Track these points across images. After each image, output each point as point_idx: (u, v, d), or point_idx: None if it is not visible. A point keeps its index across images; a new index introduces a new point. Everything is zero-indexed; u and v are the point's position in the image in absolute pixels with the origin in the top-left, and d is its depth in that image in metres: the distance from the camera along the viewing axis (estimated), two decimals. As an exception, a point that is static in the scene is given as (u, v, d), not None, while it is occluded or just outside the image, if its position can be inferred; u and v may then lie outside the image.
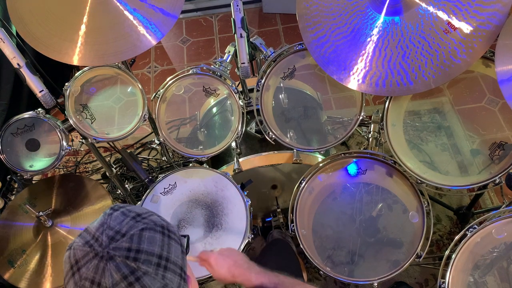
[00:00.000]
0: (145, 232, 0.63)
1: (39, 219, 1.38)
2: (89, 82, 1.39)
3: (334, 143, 1.45)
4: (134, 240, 0.61)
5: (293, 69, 1.42)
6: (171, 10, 1.20)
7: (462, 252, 1.15)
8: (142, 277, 0.60)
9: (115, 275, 0.58)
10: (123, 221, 0.63)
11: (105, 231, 0.61)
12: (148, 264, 0.61)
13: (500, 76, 1.02)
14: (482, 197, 1.98)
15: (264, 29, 2.87)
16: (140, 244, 0.61)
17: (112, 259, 0.59)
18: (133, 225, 0.63)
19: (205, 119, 1.72)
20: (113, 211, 0.65)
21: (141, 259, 0.60)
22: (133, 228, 0.62)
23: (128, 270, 0.59)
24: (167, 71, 2.73)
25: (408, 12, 1.13)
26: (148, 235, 0.63)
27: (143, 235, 0.62)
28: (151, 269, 0.61)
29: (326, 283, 1.80)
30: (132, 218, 0.64)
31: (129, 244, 0.61)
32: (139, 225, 0.63)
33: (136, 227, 0.63)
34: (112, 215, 0.64)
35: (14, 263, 1.35)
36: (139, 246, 0.61)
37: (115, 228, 0.62)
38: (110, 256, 0.59)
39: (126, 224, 0.63)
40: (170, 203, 1.41)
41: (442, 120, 2.05)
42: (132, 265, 0.59)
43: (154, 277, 0.61)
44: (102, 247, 0.60)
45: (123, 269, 0.59)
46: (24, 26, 1.15)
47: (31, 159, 1.36)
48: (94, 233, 0.62)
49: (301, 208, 1.36)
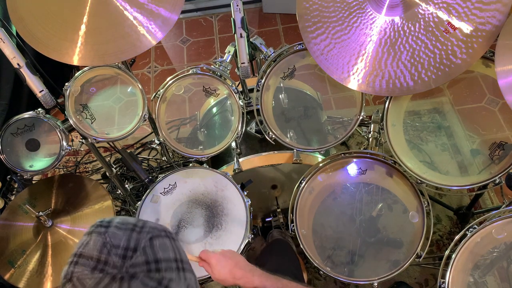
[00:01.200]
0: (154, 241, 0.61)
1: (39, 219, 1.38)
2: (89, 82, 1.39)
3: (334, 143, 1.45)
4: (148, 252, 0.59)
5: (293, 69, 1.42)
6: (171, 10, 1.20)
7: (462, 252, 1.15)
8: (170, 284, 0.59)
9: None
10: (125, 236, 0.60)
11: (112, 251, 0.58)
12: (171, 271, 0.60)
13: (500, 76, 1.02)
14: (482, 197, 1.98)
15: (264, 29, 2.87)
16: (156, 254, 0.60)
17: (134, 277, 0.57)
18: (138, 237, 0.61)
19: (205, 119, 1.72)
20: (104, 228, 0.61)
21: (163, 268, 0.59)
22: (141, 240, 0.60)
23: (155, 282, 0.57)
24: (167, 71, 2.73)
25: (408, 12, 1.13)
26: (158, 243, 0.61)
27: (154, 244, 0.61)
28: (174, 274, 0.60)
29: (326, 283, 1.80)
30: (131, 230, 0.61)
31: (145, 257, 0.59)
32: (144, 235, 0.61)
33: (143, 238, 0.61)
34: (107, 233, 0.60)
35: (14, 263, 1.35)
36: (156, 256, 0.60)
37: (122, 245, 0.59)
38: (131, 274, 0.57)
39: (130, 238, 0.60)
40: (170, 203, 1.41)
41: (442, 120, 2.05)
42: (157, 276, 0.58)
43: (178, 281, 0.60)
44: (117, 269, 0.57)
45: (149, 283, 0.57)
46: (24, 26, 1.15)
47: (31, 159, 1.36)
48: (99, 257, 0.58)
49: (301, 208, 1.36)
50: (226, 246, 1.31)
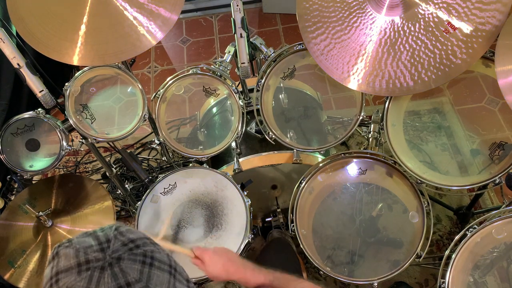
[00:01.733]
0: (121, 229, 0.62)
1: (39, 219, 1.38)
2: (89, 82, 1.39)
3: (334, 143, 1.45)
4: (120, 238, 0.60)
5: (293, 69, 1.42)
6: (171, 10, 1.20)
7: (462, 252, 1.15)
8: (153, 255, 0.60)
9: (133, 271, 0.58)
10: (91, 238, 0.60)
11: (88, 252, 0.57)
12: (147, 245, 0.61)
13: (500, 76, 1.02)
14: (482, 197, 1.98)
15: (264, 29, 2.87)
16: (128, 236, 0.61)
17: (120, 258, 0.57)
18: (104, 233, 0.61)
19: (205, 119, 1.72)
20: (67, 242, 0.60)
21: (140, 244, 0.60)
22: (109, 234, 0.60)
23: (141, 256, 0.59)
24: (167, 71, 2.73)
25: (408, 12, 1.13)
26: (124, 229, 0.62)
27: (121, 231, 0.61)
28: (152, 246, 0.61)
29: (326, 283, 1.80)
30: (93, 232, 0.61)
31: (120, 242, 0.60)
32: (109, 230, 0.61)
33: (109, 231, 0.61)
34: (73, 243, 0.59)
35: (14, 263, 1.35)
36: (129, 237, 0.61)
37: (93, 244, 0.59)
38: (117, 258, 0.57)
39: (98, 237, 0.60)
40: (170, 203, 1.41)
41: (442, 120, 2.05)
42: (140, 251, 0.59)
43: (158, 251, 0.62)
44: (102, 260, 0.57)
45: (136, 258, 0.58)
46: (24, 26, 1.15)
47: (31, 159, 1.36)
48: (78, 261, 0.57)
49: (301, 208, 1.36)
50: (226, 246, 1.30)
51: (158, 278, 0.58)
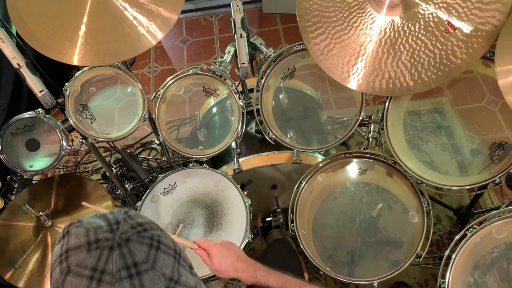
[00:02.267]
0: (130, 213, 0.64)
1: (39, 219, 1.38)
2: (89, 82, 1.39)
3: (334, 143, 1.45)
4: (129, 221, 0.62)
5: (293, 69, 1.42)
6: (171, 10, 1.20)
7: (462, 252, 1.15)
8: (160, 239, 0.62)
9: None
10: (101, 220, 0.62)
11: (98, 231, 0.59)
12: (154, 229, 0.63)
13: (500, 76, 1.02)
14: (482, 197, 1.98)
15: (264, 29, 2.87)
16: (137, 220, 0.63)
17: (129, 240, 0.59)
18: (114, 215, 0.63)
19: (205, 119, 1.72)
20: (78, 222, 0.62)
21: (148, 228, 0.62)
22: (118, 216, 0.62)
23: (148, 239, 0.60)
24: (167, 71, 2.73)
25: (408, 12, 1.13)
26: (133, 213, 0.64)
27: (130, 215, 0.64)
28: (159, 231, 0.64)
29: (326, 283, 1.80)
30: (103, 215, 0.64)
31: (129, 224, 0.61)
32: (118, 213, 0.63)
33: (119, 214, 0.63)
34: (84, 223, 0.61)
35: (14, 264, 1.35)
36: (137, 221, 0.63)
37: (104, 225, 0.61)
38: (126, 239, 0.59)
39: (108, 218, 0.62)
40: (170, 203, 1.41)
41: (442, 120, 2.05)
42: (147, 234, 0.61)
43: (164, 236, 0.64)
44: (111, 240, 0.59)
45: (144, 240, 0.60)
46: (24, 26, 1.15)
47: (31, 159, 1.36)
48: (88, 239, 0.58)
49: (301, 208, 1.36)
50: (226, 246, 1.31)
51: (164, 261, 0.60)
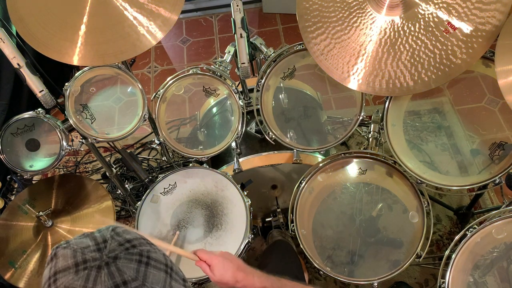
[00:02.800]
0: (117, 230, 0.63)
1: (39, 219, 1.38)
2: (89, 82, 1.39)
3: (334, 143, 1.45)
4: (117, 238, 0.61)
5: (293, 69, 1.42)
6: (171, 10, 1.20)
7: (462, 252, 1.15)
8: (149, 254, 0.61)
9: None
10: (89, 239, 0.60)
11: (85, 252, 0.58)
12: (144, 245, 0.61)
13: (500, 76, 1.02)
14: (482, 197, 1.98)
15: (264, 29, 2.87)
16: (125, 237, 0.62)
17: (117, 258, 0.58)
18: (101, 234, 0.61)
19: (205, 119, 1.72)
20: (65, 243, 0.60)
21: (137, 244, 0.61)
22: (105, 234, 0.61)
23: (137, 256, 0.59)
24: (167, 71, 2.73)
25: (408, 12, 1.13)
26: (121, 230, 0.63)
27: (118, 232, 0.62)
28: (148, 246, 0.62)
29: (326, 283, 1.80)
30: (91, 234, 0.62)
31: (117, 242, 0.60)
32: (105, 231, 0.62)
33: (106, 232, 0.61)
34: (71, 244, 0.60)
35: (15, 264, 1.35)
36: (125, 238, 0.61)
37: (91, 244, 0.59)
38: (114, 257, 0.58)
39: (96, 238, 0.60)
40: (170, 203, 1.41)
41: (442, 120, 2.05)
42: (136, 251, 0.60)
43: (154, 251, 0.62)
44: (99, 259, 0.58)
45: (133, 257, 0.59)
46: (24, 26, 1.15)
47: (31, 159, 1.36)
48: (76, 261, 0.57)
49: (301, 208, 1.36)
50: (226, 246, 1.31)
51: (154, 277, 0.59)
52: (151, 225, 1.37)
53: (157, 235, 1.34)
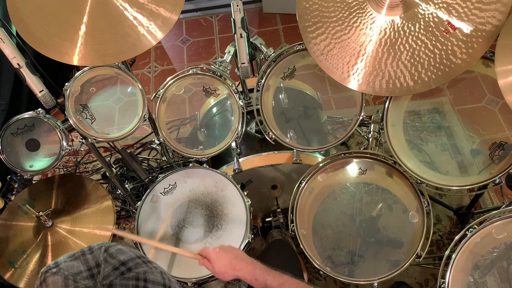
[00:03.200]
0: (110, 250, 0.60)
1: (39, 219, 1.38)
2: (89, 82, 1.39)
3: (334, 143, 1.45)
4: (110, 261, 0.59)
5: (293, 69, 1.42)
6: (171, 10, 1.20)
7: (462, 252, 1.15)
8: (146, 276, 0.59)
9: None
10: (80, 262, 0.58)
11: (77, 279, 0.55)
12: (140, 266, 0.60)
13: (500, 76, 1.02)
14: (482, 197, 1.98)
15: (264, 29, 2.87)
16: (119, 258, 0.59)
17: (112, 285, 0.56)
18: (93, 255, 0.59)
19: (205, 119, 1.72)
20: (55, 268, 0.57)
21: (132, 266, 0.59)
22: (98, 256, 0.59)
23: (134, 280, 0.57)
24: (167, 71, 2.73)
25: (408, 12, 1.13)
26: (114, 250, 0.60)
27: (111, 253, 0.60)
28: (145, 267, 0.60)
29: (326, 283, 1.80)
30: (82, 255, 0.59)
31: (111, 266, 0.58)
32: (98, 251, 0.60)
33: (99, 253, 0.59)
34: (61, 269, 0.57)
35: (14, 264, 1.35)
36: (119, 260, 0.59)
37: (82, 269, 0.57)
38: (108, 285, 0.55)
39: (87, 260, 0.58)
40: (170, 203, 1.41)
41: (442, 120, 2.05)
42: (132, 275, 0.58)
43: (151, 271, 0.60)
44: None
45: (129, 282, 0.57)
46: (24, 26, 1.15)
47: (31, 159, 1.36)
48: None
49: (301, 208, 1.36)
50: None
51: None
52: (151, 225, 1.37)
53: (156, 235, 1.34)
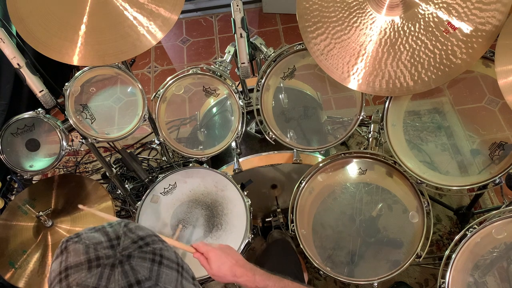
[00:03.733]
0: (130, 225, 0.62)
1: (39, 219, 1.38)
2: (89, 82, 1.39)
3: (334, 143, 1.45)
4: (130, 235, 0.61)
5: (293, 69, 1.42)
6: (171, 10, 1.20)
7: (462, 252, 1.15)
8: (162, 252, 0.61)
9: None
10: (101, 234, 0.60)
11: (98, 248, 0.57)
12: (156, 243, 0.62)
13: (500, 76, 1.02)
14: (482, 197, 1.98)
15: (264, 29, 2.87)
16: (138, 233, 0.61)
17: (130, 256, 0.57)
18: (114, 228, 0.61)
19: (205, 119, 1.72)
20: (76, 238, 0.59)
21: (150, 242, 0.61)
22: (118, 230, 0.61)
23: (151, 254, 0.59)
24: (167, 71, 2.73)
25: (408, 12, 1.13)
26: (133, 226, 0.63)
27: (130, 228, 0.62)
28: (161, 244, 0.62)
29: (326, 283, 1.80)
30: (102, 228, 0.61)
31: (130, 239, 0.60)
32: (118, 226, 0.62)
33: (119, 227, 0.61)
34: (83, 239, 0.58)
35: (15, 264, 1.35)
36: (138, 235, 0.61)
37: (103, 240, 0.59)
38: (127, 255, 0.57)
39: (108, 233, 0.60)
40: (170, 203, 1.41)
41: (442, 120, 2.05)
42: (149, 249, 0.60)
43: (166, 249, 0.62)
44: (112, 257, 0.57)
45: (146, 255, 0.59)
46: (24, 26, 1.15)
47: (31, 159, 1.36)
48: (88, 257, 0.56)
49: (301, 208, 1.36)
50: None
51: (167, 277, 0.59)
52: (151, 226, 1.37)
53: None
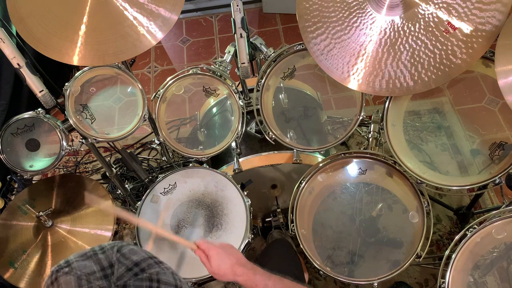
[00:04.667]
0: (123, 250, 0.60)
1: (39, 219, 1.38)
2: (89, 82, 1.39)
3: (334, 143, 1.45)
4: (124, 262, 0.59)
5: (293, 69, 1.42)
6: (171, 10, 1.20)
7: (462, 252, 1.15)
8: (159, 277, 0.59)
9: None
10: (93, 262, 0.57)
11: (91, 279, 0.55)
12: (152, 267, 0.59)
13: (500, 76, 1.02)
14: (482, 197, 1.98)
15: (264, 29, 2.87)
16: (132, 259, 0.59)
17: (126, 286, 0.55)
18: (106, 255, 0.59)
19: (205, 119, 1.72)
20: (67, 268, 0.56)
21: (145, 267, 0.59)
22: (111, 256, 0.59)
23: (147, 281, 0.57)
24: (167, 71, 2.73)
25: (408, 12, 1.13)
26: (127, 250, 0.60)
27: (124, 253, 0.59)
28: (157, 268, 0.60)
29: (326, 283, 1.80)
30: (94, 255, 0.58)
31: (124, 266, 0.58)
32: (110, 251, 0.59)
33: (111, 253, 0.59)
34: (74, 269, 0.56)
35: (15, 264, 1.35)
36: (132, 260, 0.59)
37: (96, 269, 0.56)
38: (123, 285, 0.55)
39: (100, 260, 0.58)
40: (170, 203, 1.41)
41: (442, 120, 2.05)
42: (145, 275, 0.58)
43: (163, 272, 0.60)
44: None
45: (143, 283, 0.57)
46: (24, 26, 1.15)
47: (31, 159, 1.36)
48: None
49: (301, 208, 1.36)
50: (226, 246, 1.31)
51: None
52: (151, 225, 1.37)
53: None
